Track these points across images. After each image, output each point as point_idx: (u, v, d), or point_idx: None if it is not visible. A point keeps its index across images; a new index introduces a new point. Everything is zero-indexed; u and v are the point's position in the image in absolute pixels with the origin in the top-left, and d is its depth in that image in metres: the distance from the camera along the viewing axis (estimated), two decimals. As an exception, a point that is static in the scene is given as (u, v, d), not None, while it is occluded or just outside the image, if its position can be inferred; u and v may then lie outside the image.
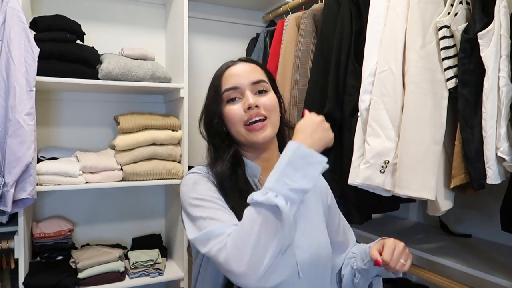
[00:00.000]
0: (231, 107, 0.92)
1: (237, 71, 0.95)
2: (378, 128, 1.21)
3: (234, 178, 0.90)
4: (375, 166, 1.20)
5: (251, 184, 0.94)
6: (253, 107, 0.90)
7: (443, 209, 1.21)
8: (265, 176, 0.94)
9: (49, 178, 1.63)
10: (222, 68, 0.98)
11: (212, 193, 0.86)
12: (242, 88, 0.92)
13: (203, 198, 0.84)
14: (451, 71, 1.15)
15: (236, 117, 0.92)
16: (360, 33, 1.37)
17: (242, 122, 0.91)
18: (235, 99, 0.93)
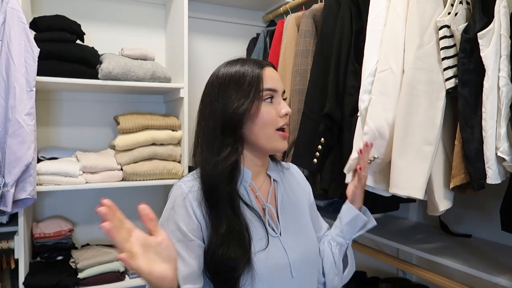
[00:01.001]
0: (269, 108, 0.91)
1: (274, 75, 0.94)
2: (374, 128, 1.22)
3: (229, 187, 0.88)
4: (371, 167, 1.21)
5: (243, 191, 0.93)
6: (288, 115, 0.94)
7: (442, 208, 1.21)
8: (254, 180, 0.97)
9: (49, 178, 1.64)
10: (258, 66, 0.93)
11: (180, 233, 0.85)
12: (278, 92, 0.94)
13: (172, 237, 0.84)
14: (451, 71, 1.15)
15: (272, 121, 0.91)
16: (360, 33, 1.37)
17: (276, 126, 0.91)
18: (271, 100, 0.92)
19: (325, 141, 1.48)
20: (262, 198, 0.96)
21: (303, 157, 1.56)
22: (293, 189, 1.05)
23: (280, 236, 0.93)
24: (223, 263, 0.83)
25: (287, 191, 1.03)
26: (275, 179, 1.01)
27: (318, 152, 1.50)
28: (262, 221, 0.92)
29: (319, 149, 1.49)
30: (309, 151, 1.52)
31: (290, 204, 1.01)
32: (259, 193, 0.96)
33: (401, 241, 1.52)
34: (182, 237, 0.85)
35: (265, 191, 0.99)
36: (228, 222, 0.85)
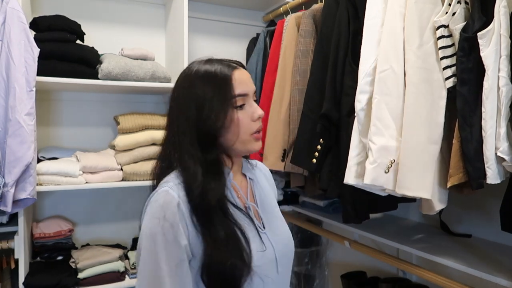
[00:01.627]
0: (241, 115, 0.88)
1: (244, 77, 0.90)
2: (382, 127, 1.20)
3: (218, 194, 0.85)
4: (381, 166, 1.19)
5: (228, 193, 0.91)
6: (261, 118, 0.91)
7: (437, 208, 1.21)
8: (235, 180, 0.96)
9: (49, 178, 1.64)
10: (227, 70, 0.89)
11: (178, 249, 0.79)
12: (249, 95, 0.90)
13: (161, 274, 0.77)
14: (450, 70, 1.15)
15: (247, 126, 0.88)
16: (358, 34, 1.37)
17: (251, 131, 0.89)
18: (244, 105, 0.89)
19: (324, 141, 1.48)
20: (244, 197, 0.95)
21: (302, 157, 1.56)
22: (264, 185, 1.06)
23: (264, 233, 0.92)
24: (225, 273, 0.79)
25: (259, 187, 1.02)
26: (251, 177, 1.01)
27: (317, 152, 1.50)
28: (250, 220, 0.90)
29: (318, 149, 1.49)
30: (309, 151, 1.52)
31: (266, 201, 1.02)
32: (241, 192, 0.95)
33: (401, 241, 1.52)
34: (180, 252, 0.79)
35: (244, 189, 0.98)
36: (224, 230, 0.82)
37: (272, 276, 0.88)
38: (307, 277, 2.34)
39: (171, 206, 0.80)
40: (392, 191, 1.22)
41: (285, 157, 1.74)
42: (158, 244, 0.78)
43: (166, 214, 0.80)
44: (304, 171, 1.65)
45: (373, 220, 1.52)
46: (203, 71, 0.89)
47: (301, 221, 2.17)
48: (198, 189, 0.82)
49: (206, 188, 0.83)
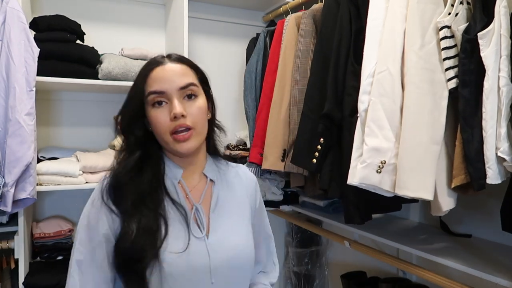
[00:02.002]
0: (157, 113, 0.87)
1: (165, 73, 0.88)
2: (376, 129, 1.21)
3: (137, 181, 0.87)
4: (372, 166, 1.20)
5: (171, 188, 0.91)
6: (179, 117, 0.85)
7: (445, 209, 1.21)
8: (187, 179, 0.94)
9: (49, 178, 1.63)
10: (148, 66, 0.90)
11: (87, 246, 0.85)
12: (168, 93, 0.87)
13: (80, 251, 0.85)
14: (452, 71, 1.15)
15: (163, 125, 0.86)
16: (360, 34, 1.37)
17: (169, 131, 0.86)
18: (162, 103, 0.87)
19: (324, 141, 1.48)
20: (192, 198, 0.92)
21: (302, 157, 1.56)
22: (235, 190, 1.00)
23: (206, 238, 0.88)
24: (129, 252, 0.81)
25: (225, 191, 0.98)
26: (212, 178, 0.97)
27: (317, 152, 1.50)
28: (186, 220, 0.88)
29: (318, 149, 1.49)
30: (309, 151, 1.52)
31: (227, 205, 0.96)
32: (189, 193, 0.93)
33: (401, 241, 1.52)
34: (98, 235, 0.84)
35: (199, 190, 0.95)
36: (137, 212, 0.84)
37: (200, 285, 0.85)
38: (307, 277, 2.34)
39: (98, 193, 0.88)
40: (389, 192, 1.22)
41: (285, 157, 1.74)
42: (83, 226, 0.87)
43: (94, 200, 0.88)
44: (304, 171, 1.65)
45: (373, 220, 1.51)
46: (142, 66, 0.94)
47: (301, 221, 2.17)
48: (115, 169, 0.89)
49: (119, 166, 0.89)
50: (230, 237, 0.92)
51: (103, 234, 0.84)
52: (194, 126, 0.87)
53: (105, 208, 0.86)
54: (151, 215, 0.84)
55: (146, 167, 0.89)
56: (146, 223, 0.83)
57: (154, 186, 0.88)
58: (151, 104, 0.88)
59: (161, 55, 0.94)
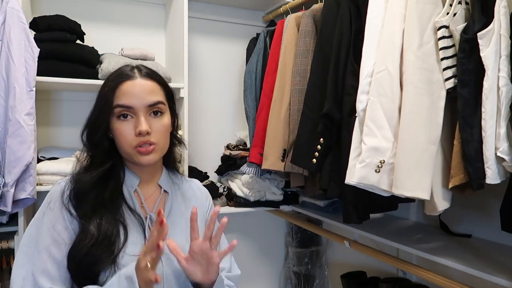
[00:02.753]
0: (122, 126, 0.90)
1: (134, 89, 0.91)
2: (374, 128, 1.21)
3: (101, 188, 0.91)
4: (370, 166, 1.20)
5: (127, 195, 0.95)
6: (144, 134, 0.89)
7: (440, 208, 1.21)
8: (142, 188, 0.98)
9: (49, 178, 1.64)
10: (118, 79, 0.93)
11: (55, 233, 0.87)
12: (136, 108, 0.90)
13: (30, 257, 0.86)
14: (450, 71, 1.15)
15: (127, 138, 0.90)
16: (359, 33, 1.37)
17: (132, 145, 0.90)
18: (127, 116, 0.91)
19: (324, 141, 1.48)
20: (146, 207, 0.97)
21: (302, 157, 1.56)
22: (188, 202, 1.05)
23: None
24: (85, 255, 0.84)
25: (179, 203, 1.03)
26: (166, 189, 1.02)
27: (317, 152, 1.50)
28: (142, 227, 0.93)
29: (318, 149, 1.49)
30: (308, 151, 1.52)
31: (180, 216, 1.00)
32: (144, 202, 0.97)
33: (401, 241, 1.52)
34: (57, 236, 0.87)
35: (153, 200, 0.99)
36: (97, 218, 0.87)
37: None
38: (307, 277, 2.34)
39: (55, 195, 0.91)
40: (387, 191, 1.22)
41: (285, 157, 1.74)
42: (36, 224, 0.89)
43: (51, 201, 0.91)
44: (304, 171, 1.65)
45: (373, 220, 1.52)
46: (110, 74, 0.96)
47: (301, 221, 2.17)
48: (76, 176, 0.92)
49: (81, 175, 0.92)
50: (183, 246, 0.93)
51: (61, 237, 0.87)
52: (157, 142, 0.92)
53: (65, 211, 0.88)
54: (111, 221, 0.88)
55: (110, 176, 0.93)
56: (106, 228, 0.86)
57: (115, 194, 0.92)
58: (116, 116, 0.91)
59: (131, 66, 0.96)
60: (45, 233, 0.87)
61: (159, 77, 0.98)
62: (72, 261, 0.85)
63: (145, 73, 0.94)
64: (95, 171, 0.91)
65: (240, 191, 2.06)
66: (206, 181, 2.10)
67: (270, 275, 2.51)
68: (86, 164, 0.94)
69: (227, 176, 2.21)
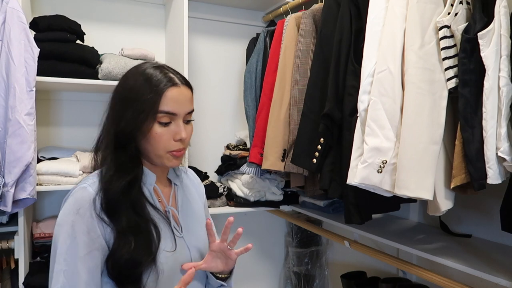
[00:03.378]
0: (163, 131, 0.91)
1: (179, 97, 0.92)
2: (376, 128, 1.21)
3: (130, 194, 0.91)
4: (373, 166, 1.20)
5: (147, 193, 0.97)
6: (184, 140, 0.94)
7: (443, 209, 1.21)
8: (158, 184, 1.02)
9: (49, 178, 1.63)
10: (164, 84, 0.91)
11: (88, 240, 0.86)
12: (178, 116, 0.92)
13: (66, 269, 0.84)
14: (452, 71, 1.15)
15: (165, 143, 0.92)
16: (360, 33, 1.37)
17: (169, 149, 0.93)
18: (169, 122, 0.92)
19: (325, 141, 1.48)
20: (165, 201, 1.01)
21: (302, 157, 1.56)
22: (191, 191, 1.12)
23: (183, 236, 1.00)
24: (127, 261, 0.85)
25: (185, 193, 1.10)
26: (175, 182, 1.08)
27: (317, 152, 1.50)
28: (168, 222, 0.97)
29: (318, 149, 1.49)
30: (309, 151, 1.52)
31: (189, 206, 1.08)
32: (162, 196, 1.01)
33: (401, 241, 1.52)
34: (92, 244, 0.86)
35: (167, 194, 1.04)
36: (132, 223, 0.88)
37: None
38: (307, 277, 2.34)
39: (85, 202, 0.88)
40: (389, 192, 1.22)
41: (285, 157, 1.74)
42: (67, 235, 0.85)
43: (80, 209, 0.87)
44: (304, 171, 1.65)
45: (373, 220, 1.51)
46: (148, 74, 0.92)
47: (301, 221, 2.17)
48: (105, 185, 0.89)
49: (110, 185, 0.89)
50: (199, 234, 1.05)
51: (97, 246, 0.86)
52: (186, 146, 0.97)
53: (97, 219, 0.87)
54: (143, 222, 0.90)
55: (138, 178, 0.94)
56: (140, 231, 0.88)
57: (139, 195, 0.94)
58: (158, 121, 0.90)
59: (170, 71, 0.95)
60: (80, 242, 0.85)
61: (191, 86, 0.99)
62: (113, 268, 0.86)
63: (185, 81, 0.96)
64: (124, 178, 0.90)
65: (240, 191, 2.06)
66: (206, 181, 2.10)
67: (270, 275, 2.51)
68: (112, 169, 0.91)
69: (227, 176, 2.21)
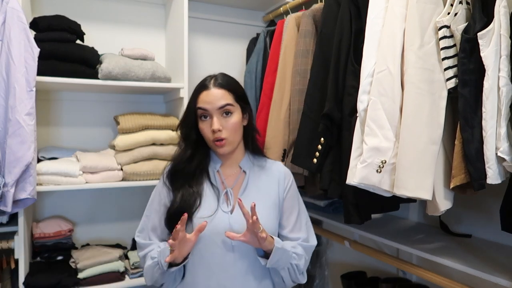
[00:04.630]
0: (203, 125, 1.22)
1: (208, 97, 1.20)
2: (375, 128, 1.21)
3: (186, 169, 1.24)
4: (372, 166, 1.20)
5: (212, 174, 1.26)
6: (217, 131, 1.18)
7: (442, 209, 1.21)
8: (224, 169, 1.28)
9: (49, 178, 1.63)
10: (199, 89, 1.23)
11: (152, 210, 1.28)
12: (210, 111, 1.20)
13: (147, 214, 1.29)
14: (451, 71, 1.15)
15: (206, 134, 1.22)
16: (360, 33, 1.37)
17: (210, 139, 1.21)
18: (206, 117, 1.21)
19: (325, 141, 1.48)
20: (226, 183, 1.26)
21: (302, 157, 1.56)
22: (263, 181, 1.28)
23: (230, 213, 1.20)
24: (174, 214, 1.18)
25: (255, 181, 1.27)
26: (245, 170, 1.28)
27: (317, 152, 1.50)
28: (218, 198, 1.22)
29: (318, 149, 1.49)
30: (309, 151, 1.52)
31: (254, 192, 1.25)
32: (224, 180, 1.26)
33: (401, 241, 1.52)
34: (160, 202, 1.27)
35: (233, 178, 1.27)
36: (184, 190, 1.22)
37: (225, 247, 1.17)
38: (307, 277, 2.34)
39: (162, 175, 1.30)
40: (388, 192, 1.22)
41: (285, 157, 1.74)
42: (153, 194, 1.30)
43: (160, 181, 1.30)
44: (304, 171, 1.65)
45: (373, 220, 1.52)
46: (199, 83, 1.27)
47: (301, 221, 2.16)
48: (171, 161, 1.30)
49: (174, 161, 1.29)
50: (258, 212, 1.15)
51: (162, 203, 1.26)
52: (227, 136, 1.20)
53: (165, 187, 1.27)
54: (191, 192, 1.21)
55: (195, 159, 1.25)
56: (186, 197, 1.20)
57: (198, 173, 1.25)
58: (199, 117, 1.23)
59: (210, 77, 1.25)
60: (155, 200, 1.28)
61: (230, 85, 1.23)
62: (167, 218, 1.22)
63: (217, 84, 1.22)
64: (184, 155, 1.26)
65: (240, 191, 2.06)
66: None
67: (270, 275, 2.51)
68: (178, 151, 1.29)
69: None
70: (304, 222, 1.33)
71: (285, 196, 1.30)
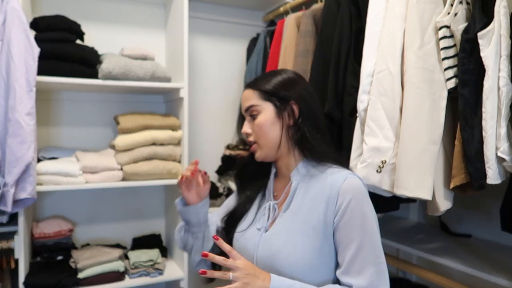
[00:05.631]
0: None
1: (243, 97, 1.09)
2: (375, 128, 1.21)
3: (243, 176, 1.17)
4: (372, 166, 1.20)
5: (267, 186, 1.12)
6: (245, 135, 1.08)
7: (442, 209, 1.22)
8: (279, 179, 1.11)
9: (49, 178, 1.63)
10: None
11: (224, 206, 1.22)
12: (244, 113, 1.09)
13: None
14: (451, 71, 1.15)
15: None
16: (360, 33, 1.37)
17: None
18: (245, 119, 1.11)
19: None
20: (271, 196, 1.10)
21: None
22: (312, 197, 0.99)
23: (263, 232, 1.02)
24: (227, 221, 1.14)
25: (303, 197, 1.00)
26: (292, 180, 1.04)
27: (318, 152, 1.49)
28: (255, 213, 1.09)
29: (319, 149, 1.49)
30: (309, 151, 1.52)
31: (298, 209, 0.99)
32: (272, 190, 1.11)
33: (401, 241, 1.52)
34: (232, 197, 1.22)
35: (280, 190, 1.09)
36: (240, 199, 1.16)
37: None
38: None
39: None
40: (388, 192, 1.22)
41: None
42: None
43: None
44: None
45: (373, 220, 1.51)
46: None
47: (301, 221, 2.16)
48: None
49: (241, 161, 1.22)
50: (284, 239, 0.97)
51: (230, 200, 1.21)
52: (256, 140, 1.05)
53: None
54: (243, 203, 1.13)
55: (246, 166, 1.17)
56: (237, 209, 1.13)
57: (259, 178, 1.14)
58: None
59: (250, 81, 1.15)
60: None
61: (256, 82, 1.07)
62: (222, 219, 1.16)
63: (249, 84, 1.09)
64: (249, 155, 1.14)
65: (240, 191, 2.06)
66: (206, 181, 2.10)
67: (270, 275, 2.51)
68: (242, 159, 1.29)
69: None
70: (370, 263, 0.90)
71: (337, 222, 0.94)
